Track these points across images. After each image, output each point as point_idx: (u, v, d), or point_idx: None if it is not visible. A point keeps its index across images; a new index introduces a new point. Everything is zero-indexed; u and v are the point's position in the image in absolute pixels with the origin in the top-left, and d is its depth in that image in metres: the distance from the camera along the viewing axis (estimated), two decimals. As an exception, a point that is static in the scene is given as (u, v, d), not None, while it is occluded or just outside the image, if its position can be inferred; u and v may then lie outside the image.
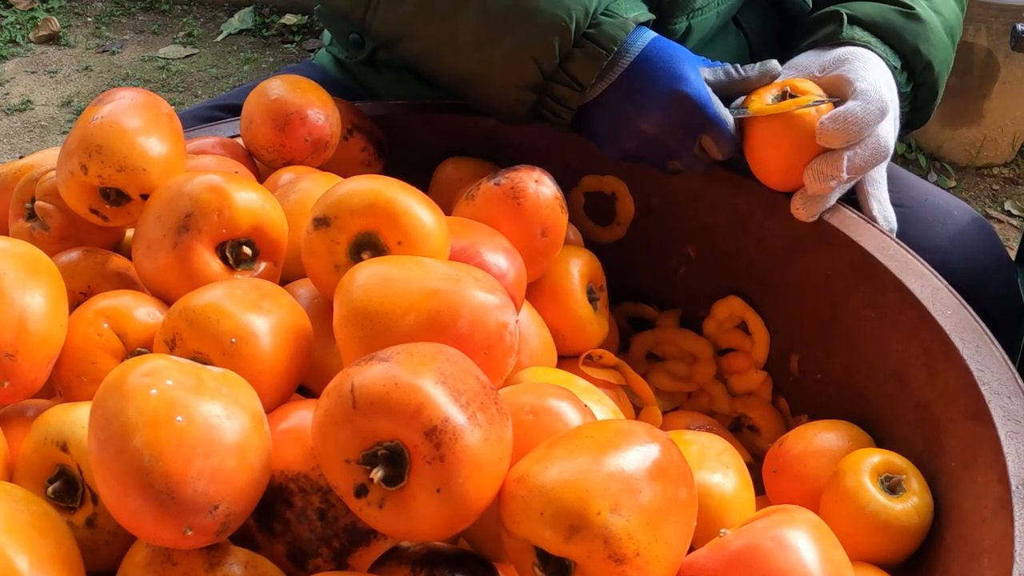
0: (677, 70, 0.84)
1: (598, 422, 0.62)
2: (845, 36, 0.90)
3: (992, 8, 2.24)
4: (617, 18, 0.85)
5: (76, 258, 0.77)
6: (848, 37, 0.90)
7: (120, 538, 0.59)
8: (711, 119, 0.84)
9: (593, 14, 0.84)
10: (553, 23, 0.84)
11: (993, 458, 0.65)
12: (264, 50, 3.22)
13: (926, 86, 0.93)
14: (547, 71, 0.86)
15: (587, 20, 0.84)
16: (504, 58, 0.86)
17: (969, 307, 0.75)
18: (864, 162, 0.81)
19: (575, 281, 0.88)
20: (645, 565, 0.53)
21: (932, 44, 0.92)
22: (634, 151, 0.89)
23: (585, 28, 0.84)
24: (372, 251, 0.70)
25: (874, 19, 0.91)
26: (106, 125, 0.74)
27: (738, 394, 0.97)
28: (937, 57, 0.92)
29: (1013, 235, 2.27)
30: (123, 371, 0.54)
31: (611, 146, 0.90)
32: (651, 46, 0.86)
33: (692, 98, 0.83)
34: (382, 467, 0.52)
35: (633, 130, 0.87)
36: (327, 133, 0.93)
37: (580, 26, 0.84)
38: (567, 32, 0.84)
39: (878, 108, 0.80)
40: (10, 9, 3.41)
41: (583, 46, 0.85)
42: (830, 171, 0.81)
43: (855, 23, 0.91)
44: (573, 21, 0.84)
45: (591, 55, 0.85)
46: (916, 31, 0.91)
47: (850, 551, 0.59)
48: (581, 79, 0.86)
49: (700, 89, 0.84)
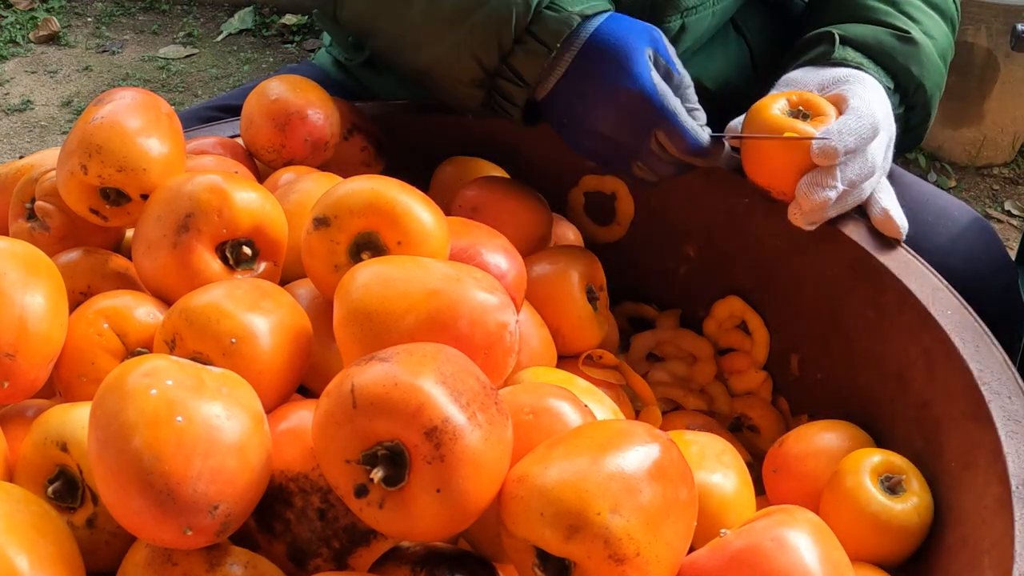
0: (622, 60, 0.81)
1: (598, 422, 0.62)
2: (837, 57, 0.89)
3: (992, 8, 2.24)
4: (561, 12, 0.82)
5: (76, 258, 0.77)
6: (840, 58, 0.89)
7: (120, 538, 0.59)
8: (659, 112, 0.80)
9: (535, 8, 0.82)
10: (494, 17, 0.82)
11: (993, 458, 0.65)
12: (264, 50, 3.22)
13: (918, 108, 0.93)
14: (488, 68, 0.84)
15: (528, 15, 0.82)
16: (448, 54, 0.86)
17: (969, 307, 0.75)
18: (855, 176, 0.80)
19: (575, 281, 0.88)
20: (645, 565, 0.53)
21: (924, 66, 0.92)
22: (595, 149, 0.86)
23: (527, 23, 0.82)
24: (372, 251, 0.70)
25: (866, 40, 0.90)
26: (106, 125, 0.74)
27: (738, 394, 0.97)
28: (929, 79, 0.92)
29: (1013, 235, 2.27)
30: (123, 371, 0.54)
31: (574, 144, 0.87)
32: (595, 37, 0.82)
33: (637, 92, 0.80)
34: (382, 467, 0.52)
35: (587, 130, 0.85)
36: (327, 133, 0.93)
37: (521, 21, 0.82)
38: (507, 28, 0.82)
39: (870, 124, 0.80)
40: (10, 9, 3.41)
41: (524, 42, 0.83)
42: (824, 182, 0.79)
43: (847, 44, 0.90)
44: (514, 17, 0.81)
45: (532, 52, 0.82)
46: (908, 53, 0.91)
47: (850, 551, 0.59)
48: (525, 76, 0.84)
49: (647, 80, 0.80)
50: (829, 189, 0.79)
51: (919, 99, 0.92)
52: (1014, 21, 1.98)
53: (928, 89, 0.92)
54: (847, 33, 0.91)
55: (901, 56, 0.91)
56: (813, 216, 0.82)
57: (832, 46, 0.90)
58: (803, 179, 0.81)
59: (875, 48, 0.90)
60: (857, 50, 0.90)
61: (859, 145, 0.79)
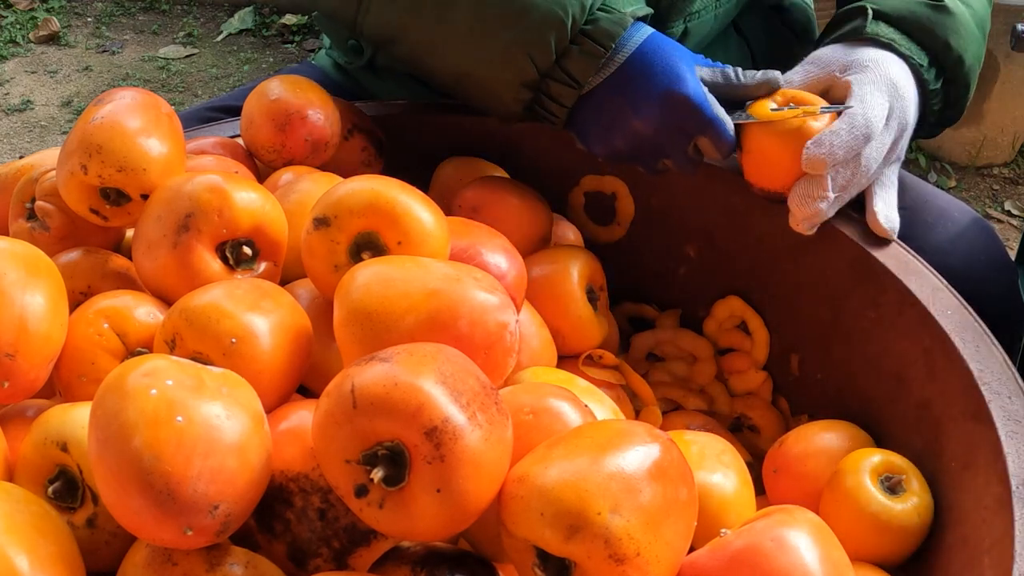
0: (674, 69, 0.83)
1: (598, 422, 0.62)
2: (869, 32, 0.87)
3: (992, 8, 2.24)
4: (614, 14, 0.83)
5: (76, 258, 0.77)
6: (872, 33, 0.87)
7: (120, 538, 0.59)
8: (709, 120, 0.83)
9: (590, 10, 0.83)
10: (549, 19, 0.83)
11: (993, 458, 0.65)
12: (264, 50, 3.23)
13: (958, 81, 0.90)
14: (543, 68, 0.85)
15: (584, 16, 0.83)
16: (499, 55, 0.85)
17: (969, 307, 0.75)
18: (846, 181, 0.80)
19: (575, 281, 0.88)
20: (645, 565, 0.53)
21: (963, 38, 0.89)
22: (624, 149, 0.87)
23: (582, 24, 0.83)
24: (372, 251, 0.70)
25: (901, 13, 0.88)
26: (106, 125, 0.74)
27: (738, 394, 0.97)
28: (969, 51, 0.89)
29: (1013, 235, 2.27)
30: (123, 371, 0.54)
31: (600, 144, 0.88)
32: (648, 42, 0.84)
33: (689, 99, 0.82)
34: (382, 467, 0.52)
35: (626, 128, 0.85)
36: (327, 133, 0.93)
37: (576, 22, 0.83)
38: (563, 28, 0.83)
39: (863, 134, 0.79)
40: (10, 9, 3.41)
41: (580, 43, 0.84)
42: (815, 192, 0.80)
43: (880, 18, 0.88)
44: (569, 17, 0.82)
45: (588, 52, 0.83)
46: (946, 24, 0.88)
47: (850, 551, 0.59)
48: (578, 76, 0.85)
49: (697, 89, 0.83)
50: (820, 201, 0.80)
51: (958, 73, 0.90)
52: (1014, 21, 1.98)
53: (967, 61, 0.90)
54: (881, 6, 0.89)
55: (939, 28, 0.88)
56: (809, 223, 0.82)
57: (865, 20, 0.88)
58: (794, 188, 0.81)
59: (910, 21, 0.88)
60: (891, 25, 0.88)
61: (847, 156, 0.79)
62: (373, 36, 0.94)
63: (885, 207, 0.83)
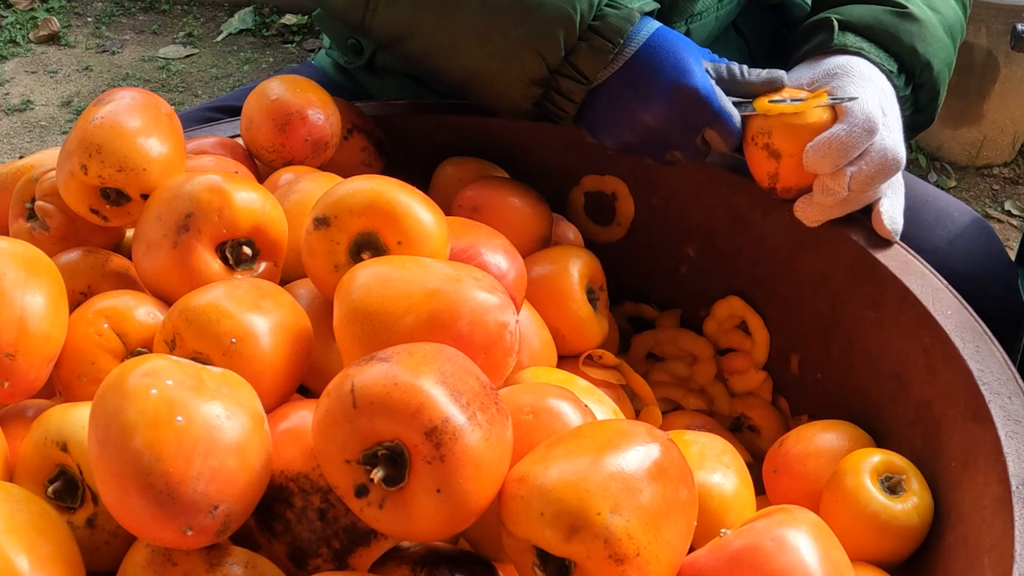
0: (682, 62, 0.84)
1: (598, 422, 0.62)
2: (837, 43, 0.88)
3: (992, 8, 2.24)
4: (622, 9, 0.84)
5: (76, 258, 0.77)
6: (840, 44, 0.88)
7: (120, 538, 0.59)
8: (716, 113, 0.83)
9: (598, 6, 0.84)
10: (557, 16, 0.83)
11: (993, 458, 0.65)
12: (264, 50, 3.22)
13: (926, 87, 0.91)
14: (552, 65, 0.85)
15: (592, 12, 0.84)
16: (508, 53, 0.86)
17: (969, 307, 0.75)
18: (870, 176, 0.80)
19: (575, 281, 0.88)
20: (645, 565, 0.53)
21: (930, 44, 0.90)
22: (634, 142, 0.88)
23: (590, 20, 0.84)
24: (372, 251, 0.70)
25: (867, 22, 0.89)
26: (106, 125, 0.74)
27: (738, 394, 0.97)
28: (936, 56, 0.90)
29: (1013, 235, 2.27)
30: (123, 371, 0.54)
31: (609, 136, 0.89)
32: (655, 36, 0.85)
33: (698, 91, 0.83)
34: (382, 467, 0.52)
35: (635, 121, 0.86)
36: (327, 133, 0.93)
37: (585, 19, 0.84)
38: (572, 25, 0.83)
39: (864, 128, 0.79)
40: (10, 9, 3.41)
41: (588, 39, 0.84)
42: (834, 186, 0.81)
43: (847, 29, 0.89)
44: (578, 14, 0.83)
45: (597, 48, 0.84)
46: (911, 31, 0.89)
47: (850, 551, 0.59)
48: (587, 73, 0.85)
49: (705, 82, 0.83)
50: (834, 193, 0.81)
51: (926, 78, 0.91)
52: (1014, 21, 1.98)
53: (935, 66, 0.91)
54: (846, 17, 0.90)
55: (904, 35, 0.89)
56: (818, 216, 0.83)
57: (831, 34, 0.89)
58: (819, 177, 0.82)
59: (876, 29, 0.89)
60: (858, 34, 0.89)
61: (854, 152, 0.79)
62: (381, 36, 0.95)
63: (891, 208, 0.83)
